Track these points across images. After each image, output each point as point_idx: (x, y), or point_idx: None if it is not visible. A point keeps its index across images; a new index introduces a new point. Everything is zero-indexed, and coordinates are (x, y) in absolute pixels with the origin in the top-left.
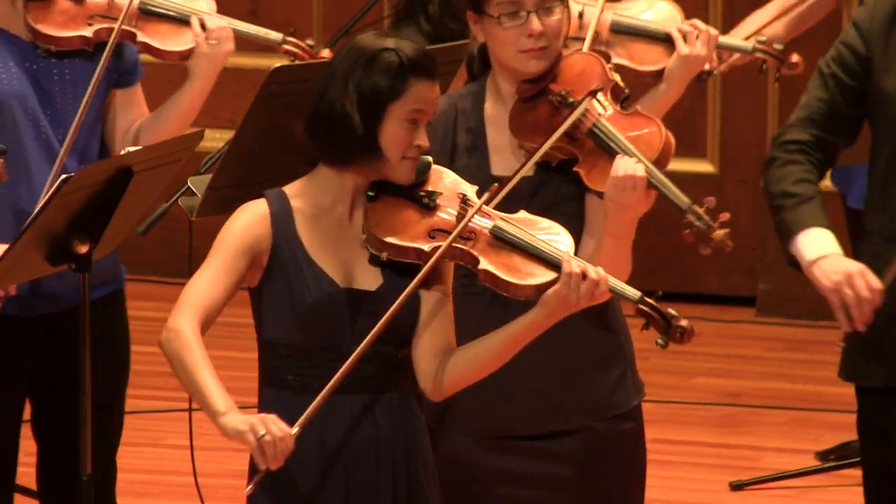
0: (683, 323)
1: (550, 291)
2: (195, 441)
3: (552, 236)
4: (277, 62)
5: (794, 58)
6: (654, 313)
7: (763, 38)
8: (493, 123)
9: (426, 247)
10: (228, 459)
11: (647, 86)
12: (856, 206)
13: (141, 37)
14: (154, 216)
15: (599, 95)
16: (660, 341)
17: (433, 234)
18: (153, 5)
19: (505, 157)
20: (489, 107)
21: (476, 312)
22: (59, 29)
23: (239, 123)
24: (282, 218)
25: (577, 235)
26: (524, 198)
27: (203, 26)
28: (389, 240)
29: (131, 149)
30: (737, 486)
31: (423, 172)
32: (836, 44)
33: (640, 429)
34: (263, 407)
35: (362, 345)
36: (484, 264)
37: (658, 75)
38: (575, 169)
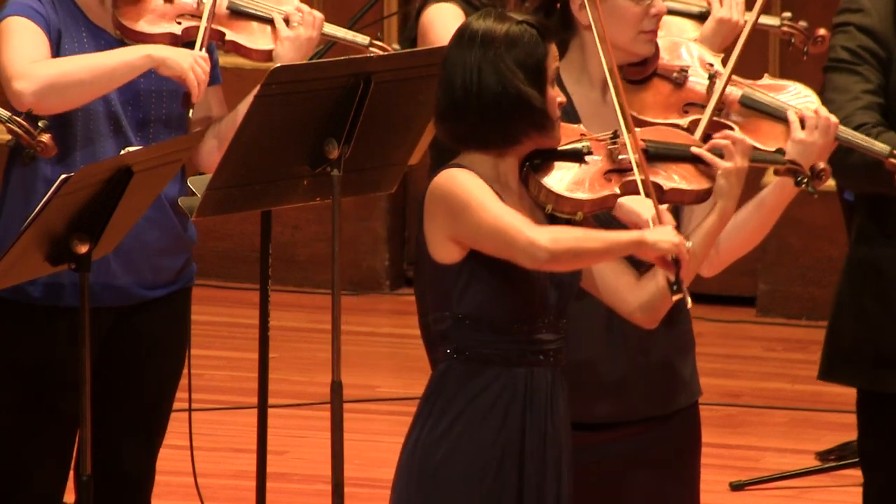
0: (822, 165)
1: (719, 179)
2: (195, 441)
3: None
4: (277, 62)
5: (821, 31)
6: (799, 166)
7: (789, 15)
8: (583, 107)
9: (617, 188)
10: (228, 459)
11: None
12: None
13: (230, 35)
14: None
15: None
16: (811, 189)
17: (608, 176)
18: (242, 4)
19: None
20: (574, 90)
21: (596, 314)
22: (148, 26)
23: (239, 123)
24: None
25: (677, 211)
26: None
27: (287, 18)
28: (583, 196)
29: (131, 149)
30: (737, 486)
31: None
32: (849, 48)
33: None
34: (453, 385)
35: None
36: (668, 184)
37: None
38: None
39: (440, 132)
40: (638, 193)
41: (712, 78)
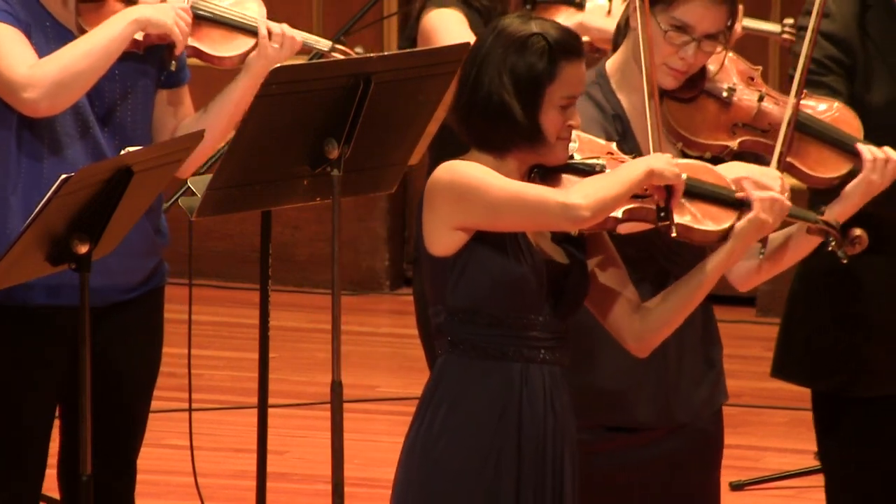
0: (858, 232)
1: (743, 221)
2: (195, 441)
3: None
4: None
5: None
6: (832, 229)
7: (791, 21)
8: (631, 112)
9: (619, 213)
10: (228, 459)
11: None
12: None
13: (192, 41)
14: None
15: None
16: (840, 254)
17: None
18: (205, 10)
19: (646, 147)
20: (623, 97)
21: None
22: None
23: (239, 123)
24: None
25: None
26: None
27: (270, 31)
28: None
29: (131, 149)
30: (737, 486)
31: None
32: (813, 57)
33: None
34: (451, 378)
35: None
36: (678, 219)
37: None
38: (786, 160)
39: (451, 119)
40: (642, 221)
41: (762, 98)
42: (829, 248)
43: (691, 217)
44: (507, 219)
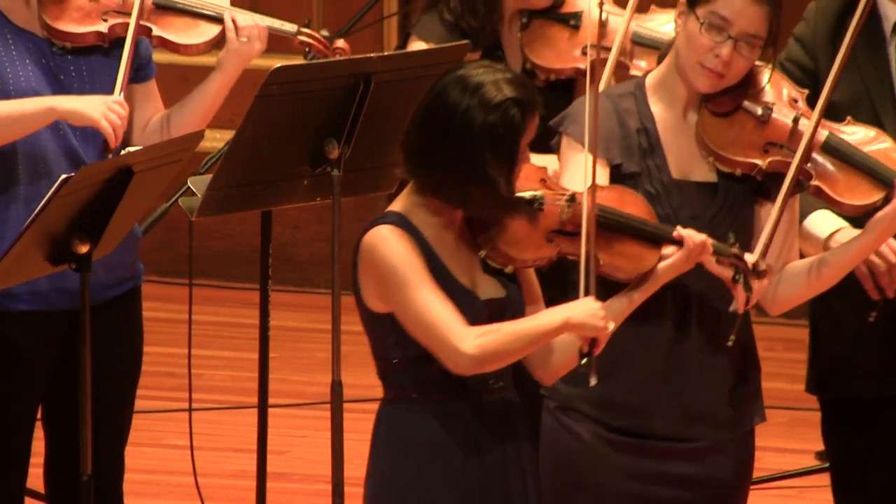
0: (763, 266)
1: (662, 262)
2: (195, 441)
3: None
4: (277, 62)
5: None
6: (740, 262)
7: None
8: (665, 126)
9: (553, 253)
10: (228, 459)
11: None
12: None
13: (156, 31)
14: (154, 216)
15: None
16: (746, 287)
17: (551, 237)
18: (168, 0)
19: (680, 161)
20: (657, 108)
21: (661, 340)
22: (74, 25)
23: (239, 123)
24: (418, 240)
25: (746, 242)
26: (706, 201)
27: (235, 24)
28: (517, 254)
29: (131, 149)
30: None
31: None
32: (780, 61)
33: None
34: (404, 425)
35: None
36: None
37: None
38: (814, 183)
39: (406, 169)
40: (576, 259)
41: (797, 119)
42: (737, 283)
43: (621, 255)
44: (410, 327)
